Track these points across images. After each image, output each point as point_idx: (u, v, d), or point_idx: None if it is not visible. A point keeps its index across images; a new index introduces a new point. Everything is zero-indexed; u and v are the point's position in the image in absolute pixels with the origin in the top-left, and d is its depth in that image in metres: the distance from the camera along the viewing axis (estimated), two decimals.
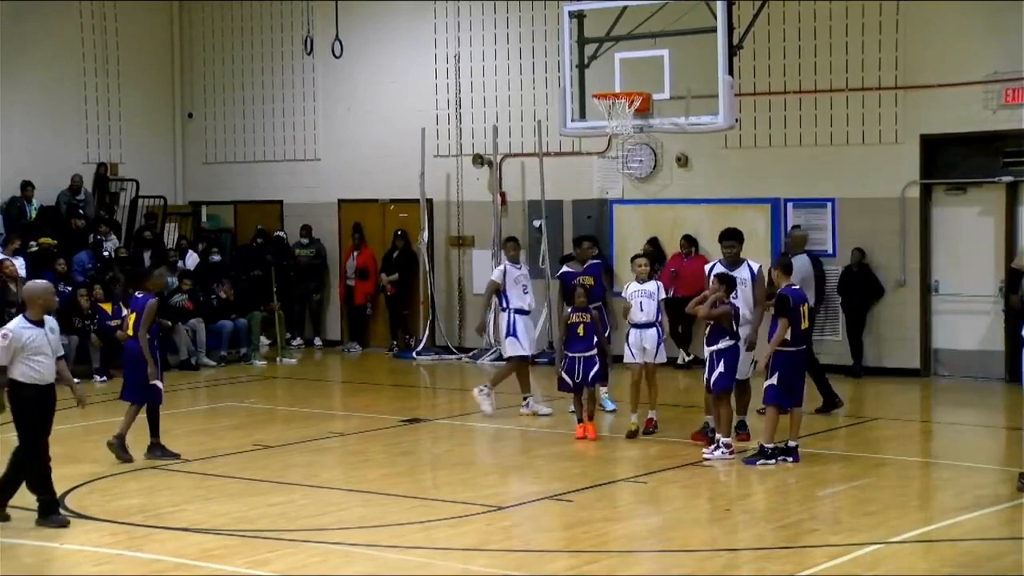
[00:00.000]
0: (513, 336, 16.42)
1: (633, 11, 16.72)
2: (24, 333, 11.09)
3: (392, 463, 14.16)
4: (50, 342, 11.21)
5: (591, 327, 14.81)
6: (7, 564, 10.07)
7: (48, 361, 11.19)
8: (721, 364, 13.57)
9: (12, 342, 11.00)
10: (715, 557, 10.12)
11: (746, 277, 14.04)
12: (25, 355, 11.05)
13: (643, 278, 15.07)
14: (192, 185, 26.35)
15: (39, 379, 11.14)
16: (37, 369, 11.10)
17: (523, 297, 16.60)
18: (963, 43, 18.99)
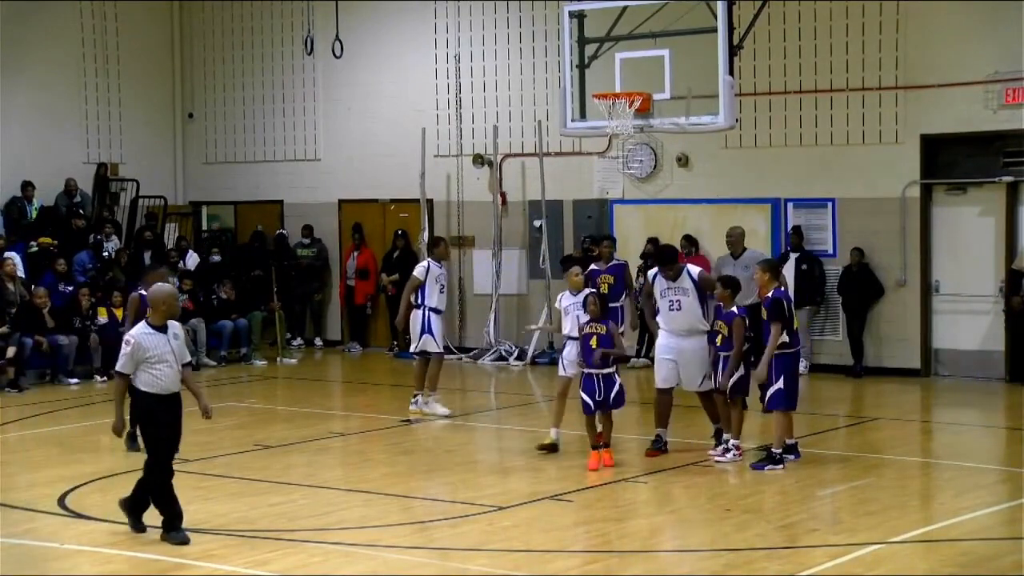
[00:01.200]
0: (430, 333, 16.36)
1: (633, 11, 16.71)
2: (147, 340, 10.51)
3: (392, 463, 14.16)
4: (173, 349, 10.59)
5: (606, 339, 13.34)
6: (7, 564, 10.07)
7: (171, 369, 10.56)
8: (740, 367, 13.58)
9: (135, 349, 10.46)
10: (715, 557, 10.12)
11: (688, 287, 13.62)
12: (148, 363, 10.47)
13: (578, 289, 14.17)
14: (192, 185, 26.35)
15: (162, 388, 10.52)
16: (159, 378, 10.49)
17: (439, 297, 16.52)
18: (963, 43, 18.99)
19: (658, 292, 13.79)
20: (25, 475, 13.50)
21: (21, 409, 17.66)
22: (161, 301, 10.66)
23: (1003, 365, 19.04)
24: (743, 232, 17.54)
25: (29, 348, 19.52)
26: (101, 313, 20.78)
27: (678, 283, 13.64)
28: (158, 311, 10.63)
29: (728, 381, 13.49)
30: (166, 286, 11.03)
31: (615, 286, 16.21)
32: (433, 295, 16.41)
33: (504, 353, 22.15)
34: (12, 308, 19.92)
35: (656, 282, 13.82)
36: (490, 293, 22.68)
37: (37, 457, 14.52)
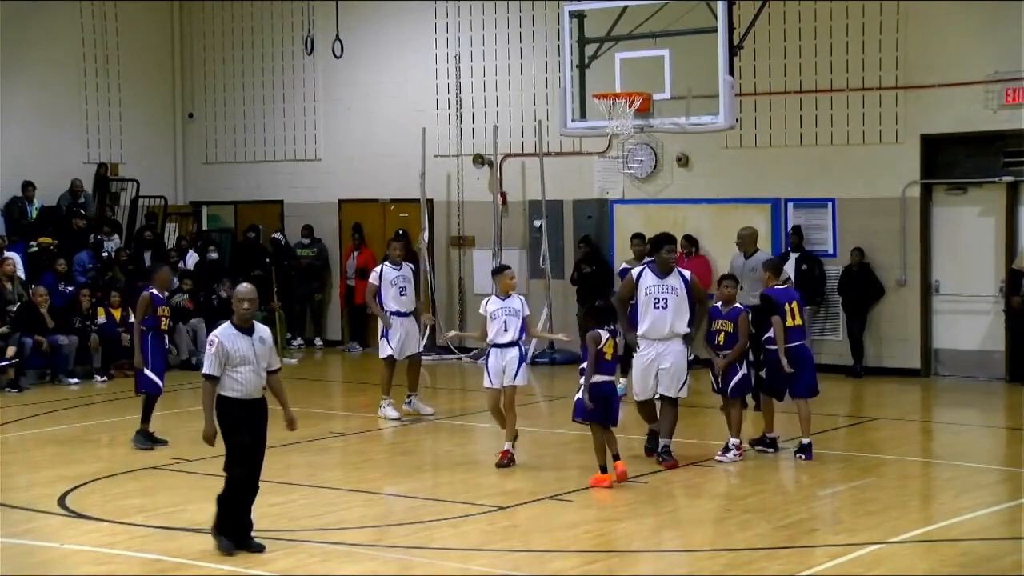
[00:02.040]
0: (384, 338, 16.28)
1: (633, 11, 16.72)
2: (231, 341, 10.11)
3: (392, 463, 14.17)
4: (257, 352, 10.18)
5: (616, 350, 12.63)
6: (7, 564, 10.07)
7: (254, 374, 10.16)
8: (743, 366, 13.56)
9: (219, 350, 10.06)
10: (715, 557, 10.12)
11: (678, 286, 13.16)
12: (230, 365, 10.10)
13: (508, 292, 13.61)
14: (192, 185, 26.35)
15: (243, 393, 10.14)
16: (240, 381, 10.12)
17: (398, 299, 16.33)
18: (963, 43, 18.99)
19: (643, 290, 13.17)
20: (25, 475, 13.51)
21: (21, 409, 17.67)
22: (239, 300, 10.23)
23: (1003, 365, 19.04)
24: (755, 232, 17.18)
25: (29, 348, 19.52)
26: (101, 313, 20.77)
27: (667, 280, 13.14)
28: (238, 311, 10.21)
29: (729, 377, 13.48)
30: (246, 285, 10.44)
31: None
32: (389, 299, 16.32)
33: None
34: (12, 308, 19.91)
35: (642, 280, 13.22)
36: (490, 293, 22.61)
37: (37, 457, 14.52)
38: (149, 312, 14.80)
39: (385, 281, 16.34)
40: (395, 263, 16.48)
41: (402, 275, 16.49)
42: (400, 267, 16.51)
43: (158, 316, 14.92)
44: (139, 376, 14.88)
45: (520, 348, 13.48)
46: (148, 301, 14.80)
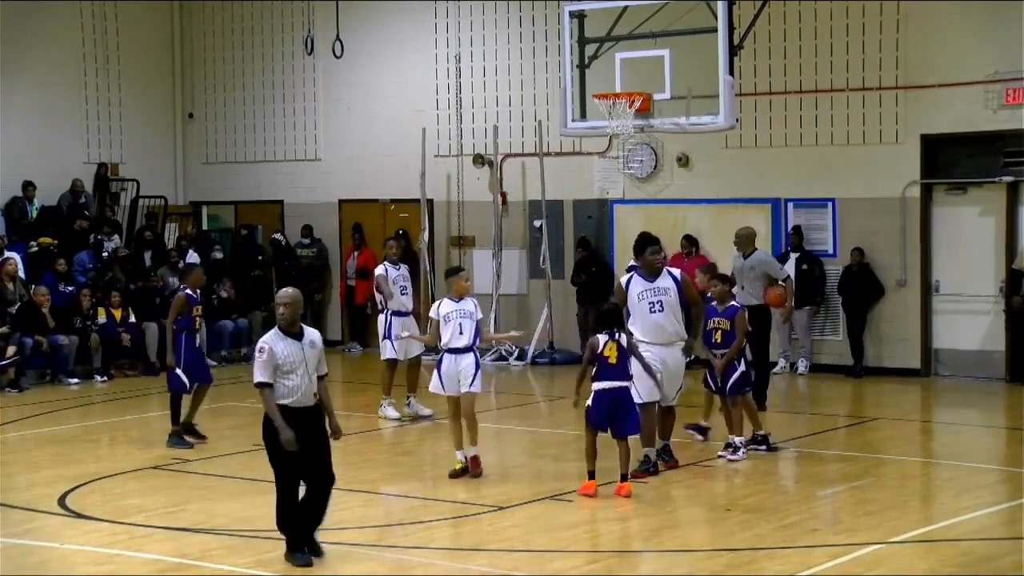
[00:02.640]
0: (388, 339, 16.27)
1: (633, 11, 16.72)
2: (280, 347, 9.75)
3: (392, 463, 14.18)
4: (307, 358, 9.80)
5: (625, 351, 12.09)
6: (7, 564, 10.07)
7: (304, 380, 9.77)
8: (741, 364, 13.54)
9: (269, 356, 9.69)
10: (715, 557, 10.12)
11: (669, 286, 12.77)
12: (279, 372, 9.72)
13: (462, 295, 13.07)
14: (192, 185, 26.35)
15: (292, 400, 9.73)
16: (291, 388, 9.72)
17: (399, 298, 16.30)
18: (963, 43, 18.99)
19: (635, 297, 12.73)
20: (25, 475, 13.51)
21: (21, 409, 17.67)
22: (276, 305, 9.90)
23: (1003, 365, 19.04)
24: (752, 232, 17.02)
25: (29, 348, 19.52)
26: (101, 313, 20.77)
27: (657, 283, 12.75)
28: (277, 316, 9.87)
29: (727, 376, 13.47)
30: (290, 288, 10.02)
31: None
32: (393, 298, 16.33)
33: (504, 353, 22.14)
34: (12, 308, 19.92)
35: (631, 287, 12.78)
36: (490, 293, 22.68)
37: (37, 457, 14.52)
38: (184, 311, 14.83)
39: (389, 279, 16.35)
40: (393, 262, 16.47)
41: (401, 274, 16.51)
42: (399, 267, 16.51)
43: (192, 316, 14.92)
44: (170, 374, 14.86)
45: (476, 354, 12.92)
46: (184, 301, 14.83)
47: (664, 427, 13.10)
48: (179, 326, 14.81)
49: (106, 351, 20.49)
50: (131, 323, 20.94)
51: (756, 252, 16.60)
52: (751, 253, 16.55)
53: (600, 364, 11.93)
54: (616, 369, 11.93)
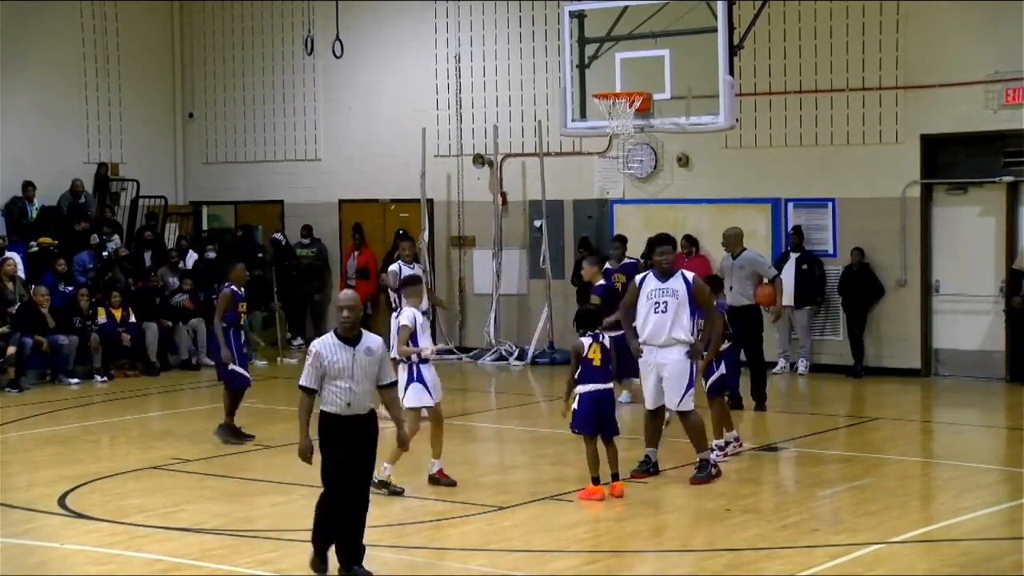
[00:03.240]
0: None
1: (633, 11, 16.73)
2: (329, 351, 9.29)
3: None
4: (361, 365, 9.28)
5: (608, 352, 12.05)
6: (7, 564, 10.07)
7: (355, 387, 9.28)
8: (722, 366, 13.50)
9: (315, 360, 9.28)
10: (715, 557, 10.12)
11: (679, 288, 12.54)
12: (328, 378, 9.32)
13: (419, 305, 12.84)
14: (192, 185, 26.35)
15: (342, 408, 9.29)
16: (338, 395, 9.28)
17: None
18: (963, 43, 18.99)
19: (644, 295, 12.57)
20: (25, 475, 13.51)
21: (21, 409, 17.67)
22: (339, 308, 9.38)
23: (1003, 365, 19.04)
24: (740, 232, 17.08)
25: (29, 348, 19.52)
26: (101, 313, 20.78)
27: (668, 284, 12.59)
28: (339, 319, 9.38)
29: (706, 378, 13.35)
30: (349, 291, 9.62)
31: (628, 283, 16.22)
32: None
33: (504, 353, 22.15)
34: (12, 308, 19.92)
35: (644, 284, 12.63)
36: (490, 293, 22.68)
37: (37, 457, 14.52)
38: (230, 308, 14.87)
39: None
40: (407, 262, 16.46)
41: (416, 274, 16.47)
42: (412, 267, 16.50)
43: (237, 312, 14.95)
44: (227, 372, 14.93)
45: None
46: (230, 297, 14.95)
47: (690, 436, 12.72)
48: (226, 322, 14.93)
49: (106, 351, 20.48)
50: (131, 323, 20.93)
51: (745, 252, 16.62)
52: (740, 253, 16.56)
53: (584, 367, 11.85)
54: (600, 371, 11.90)
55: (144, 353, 21.07)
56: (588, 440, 11.96)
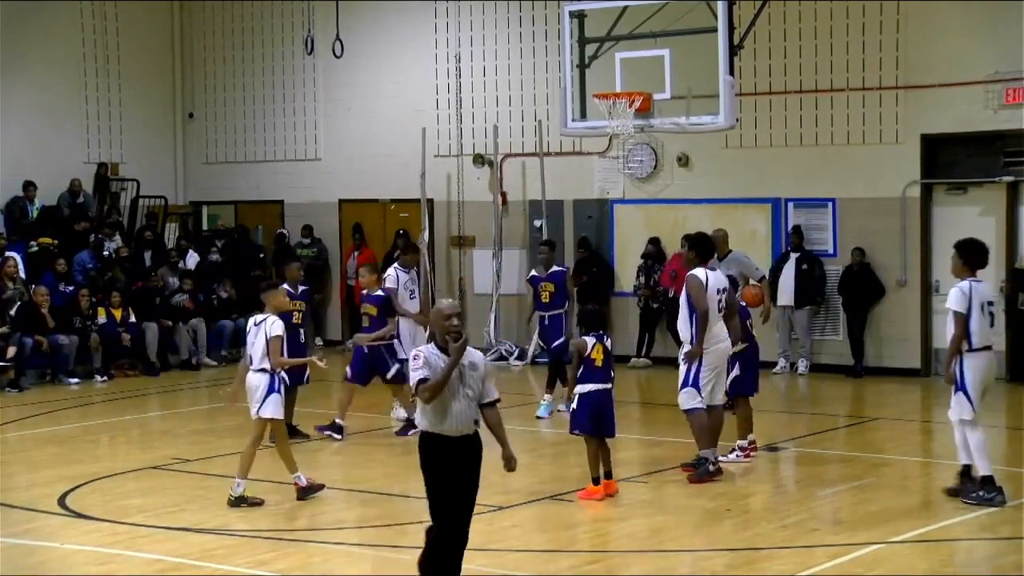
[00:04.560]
0: (398, 339, 16.28)
1: (634, 11, 16.73)
2: (436, 362, 8.43)
3: (393, 463, 14.17)
4: (467, 381, 8.47)
5: (609, 353, 12.10)
6: (7, 564, 10.07)
7: (459, 404, 8.45)
8: (736, 367, 13.50)
9: (425, 363, 8.41)
10: (715, 557, 10.12)
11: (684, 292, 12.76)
12: None
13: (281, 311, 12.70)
14: (192, 185, 26.36)
15: (443, 428, 8.48)
16: (440, 413, 8.46)
17: (408, 302, 16.33)
18: (964, 43, 18.99)
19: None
20: (25, 475, 13.51)
21: (21, 409, 17.67)
22: (445, 316, 8.54)
23: (1003, 365, 19.02)
24: (725, 234, 17.23)
25: (29, 348, 19.52)
26: (101, 313, 20.78)
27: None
28: (442, 327, 8.52)
29: None
30: (449, 300, 9.01)
31: (556, 294, 16.41)
32: (404, 302, 16.36)
33: (504, 353, 22.16)
34: (12, 308, 19.92)
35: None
36: (490, 293, 22.69)
37: (37, 457, 14.53)
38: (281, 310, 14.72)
39: (399, 285, 16.41)
40: (406, 267, 16.54)
41: (411, 278, 16.60)
42: (409, 271, 16.58)
43: (292, 311, 14.79)
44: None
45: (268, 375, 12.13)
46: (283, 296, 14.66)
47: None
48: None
49: (106, 351, 20.49)
50: (131, 323, 20.94)
51: (731, 252, 16.63)
52: (726, 254, 16.58)
53: (586, 366, 11.88)
54: (601, 372, 11.95)
55: (144, 353, 21.08)
56: (589, 440, 11.98)
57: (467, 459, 8.51)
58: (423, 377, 8.36)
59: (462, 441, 8.49)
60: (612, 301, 21.71)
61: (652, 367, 20.99)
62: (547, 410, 16.51)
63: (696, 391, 12.59)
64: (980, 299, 11.76)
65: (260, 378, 11.91)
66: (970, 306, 11.69)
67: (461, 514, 8.48)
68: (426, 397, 8.37)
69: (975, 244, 12.22)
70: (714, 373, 12.70)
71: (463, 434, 8.49)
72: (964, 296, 11.74)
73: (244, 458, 11.92)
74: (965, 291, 11.77)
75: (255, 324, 12.11)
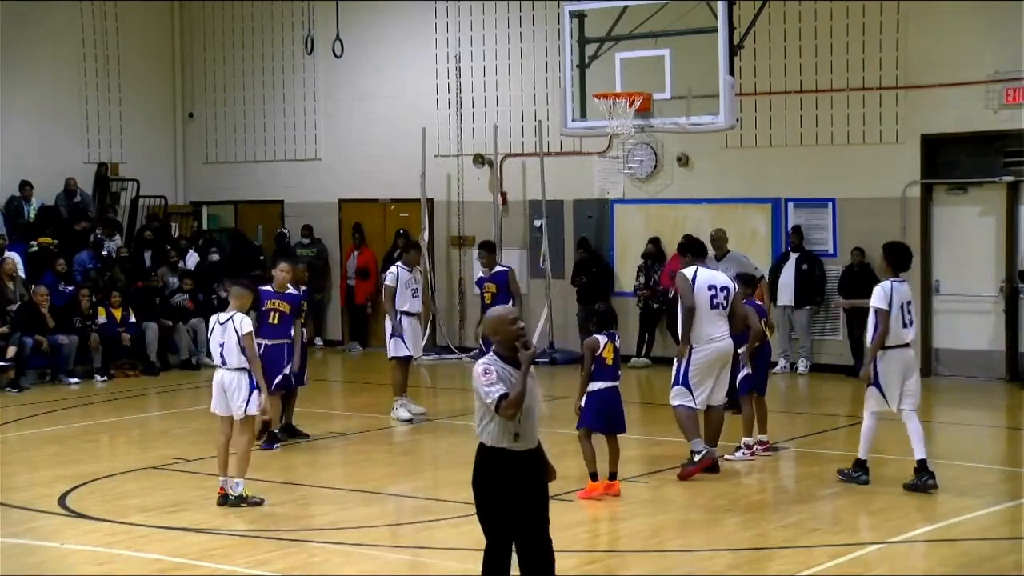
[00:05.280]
0: (398, 338, 16.28)
1: (634, 11, 16.73)
2: (504, 375, 7.83)
3: (393, 463, 14.18)
4: (529, 389, 7.90)
5: (619, 352, 12.12)
6: (7, 564, 10.07)
7: (528, 418, 7.89)
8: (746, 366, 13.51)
9: (498, 376, 7.81)
10: (715, 557, 10.12)
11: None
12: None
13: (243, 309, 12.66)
14: (193, 185, 26.36)
15: (509, 442, 7.84)
16: (510, 428, 7.83)
17: (411, 300, 16.37)
18: (964, 43, 18.99)
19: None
20: (25, 475, 13.51)
21: (21, 409, 17.67)
22: (509, 322, 7.94)
23: (1003, 365, 19.04)
24: (725, 233, 17.39)
25: (29, 348, 19.52)
26: (101, 313, 20.78)
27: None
28: (506, 335, 7.91)
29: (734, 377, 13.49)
30: (501, 307, 8.36)
31: (499, 295, 16.21)
32: (404, 300, 16.38)
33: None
34: (12, 308, 19.92)
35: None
36: None
37: (37, 457, 14.52)
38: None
39: (401, 283, 16.41)
40: (409, 265, 16.53)
41: (414, 277, 16.60)
42: (412, 270, 16.58)
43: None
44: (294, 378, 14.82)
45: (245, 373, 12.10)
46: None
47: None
48: None
49: (106, 351, 20.48)
50: (131, 323, 20.94)
51: (729, 252, 16.72)
52: (724, 254, 16.62)
53: (597, 365, 11.96)
54: (612, 370, 12.05)
55: (144, 353, 21.08)
56: (585, 437, 12.03)
57: (534, 474, 7.97)
58: (503, 393, 7.73)
59: (529, 456, 7.94)
60: (612, 301, 21.70)
61: (652, 367, 20.99)
62: None
63: (686, 390, 12.62)
64: (900, 299, 12.18)
65: (240, 377, 11.82)
66: (890, 304, 12.09)
67: (535, 531, 7.99)
68: (511, 414, 7.74)
69: (901, 247, 12.69)
70: (705, 372, 12.69)
71: (529, 449, 7.93)
72: (886, 295, 12.13)
73: (242, 458, 11.85)
74: (887, 290, 12.18)
75: (220, 323, 12.16)
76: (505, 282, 16.56)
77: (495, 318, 8.01)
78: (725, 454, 13.37)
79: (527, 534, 7.94)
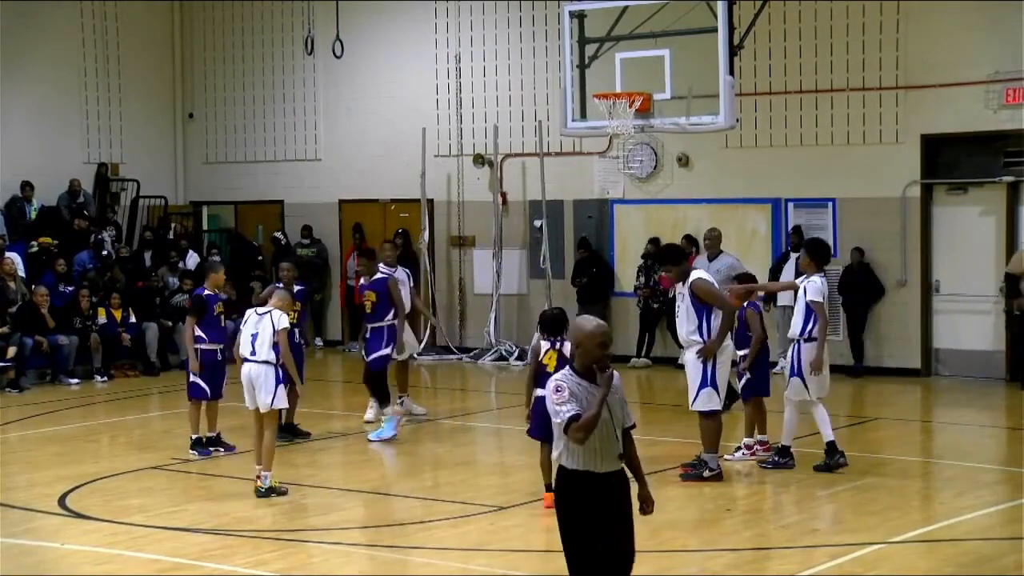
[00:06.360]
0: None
1: (634, 11, 16.72)
2: (579, 391, 7.19)
3: (392, 463, 14.17)
4: (611, 407, 7.20)
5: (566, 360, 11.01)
6: (7, 564, 10.07)
7: (603, 436, 7.17)
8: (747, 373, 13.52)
9: (571, 393, 7.17)
10: (715, 557, 10.12)
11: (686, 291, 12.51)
12: None
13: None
14: (193, 185, 26.36)
15: (584, 463, 7.17)
16: (587, 447, 7.15)
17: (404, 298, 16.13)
18: (964, 43, 18.99)
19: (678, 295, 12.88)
20: (25, 475, 13.50)
21: (21, 409, 17.67)
22: (591, 336, 7.21)
23: (1003, 365, 19.04)
24: (720, 234, 17.30)
25: (29, 348, 19.52)
26: (101, 313, 20.78)
27: (682, 287, 12.69)
28: (590, 350, 7.22)
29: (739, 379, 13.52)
30: (591, 320, 7.34)
31: (379, 304, 15.60)
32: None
33: (504, 353, 22.15)
34: (12, 308, 19.92)
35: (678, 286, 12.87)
36: (490, 293, 22.68)
37: (37, 457, 14.52)
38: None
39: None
40: (389, 266, 16.25)
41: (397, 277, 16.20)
42: (395, 269, 16.28)
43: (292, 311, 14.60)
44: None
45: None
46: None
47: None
48: None
49: (106, 351, 20.48)
50: (131, 323, 20.94)
51: (721, 255, 16.69)
52: (717, 256, 16.61)
53: (540, 371, 11.42)
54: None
55: (144, 353, 21.08)
56: (543, 447, 11.37)
57: (616, 498, 7.29)
58: (575, 414, 7.08)
59: (610, 478, 7.23)
60: (612, 301, 21.73)
61: (652, 367, 21.00)
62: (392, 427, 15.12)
63: (715, 391, 12.56)
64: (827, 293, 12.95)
65: (268, 370, 12.13)
66: (824, 298, 12.73)
67: (619, 554, 7.31)
68: (579, 438, 7.07)
69: (823, 243, 13.34)
70: (725, 372, 12.78)
71: (610, 470, 7.24)
72: (822, 290, 12.72)
73: (267, 451, 12.09)
74: (822, 285, 12.73)
75: (258, 315, 12.34)
76: (385, 290, 15.63)
77: (584, 332, 7.23)
78: (725, 454, 13.37)
79: (611, 557, 7.27)
